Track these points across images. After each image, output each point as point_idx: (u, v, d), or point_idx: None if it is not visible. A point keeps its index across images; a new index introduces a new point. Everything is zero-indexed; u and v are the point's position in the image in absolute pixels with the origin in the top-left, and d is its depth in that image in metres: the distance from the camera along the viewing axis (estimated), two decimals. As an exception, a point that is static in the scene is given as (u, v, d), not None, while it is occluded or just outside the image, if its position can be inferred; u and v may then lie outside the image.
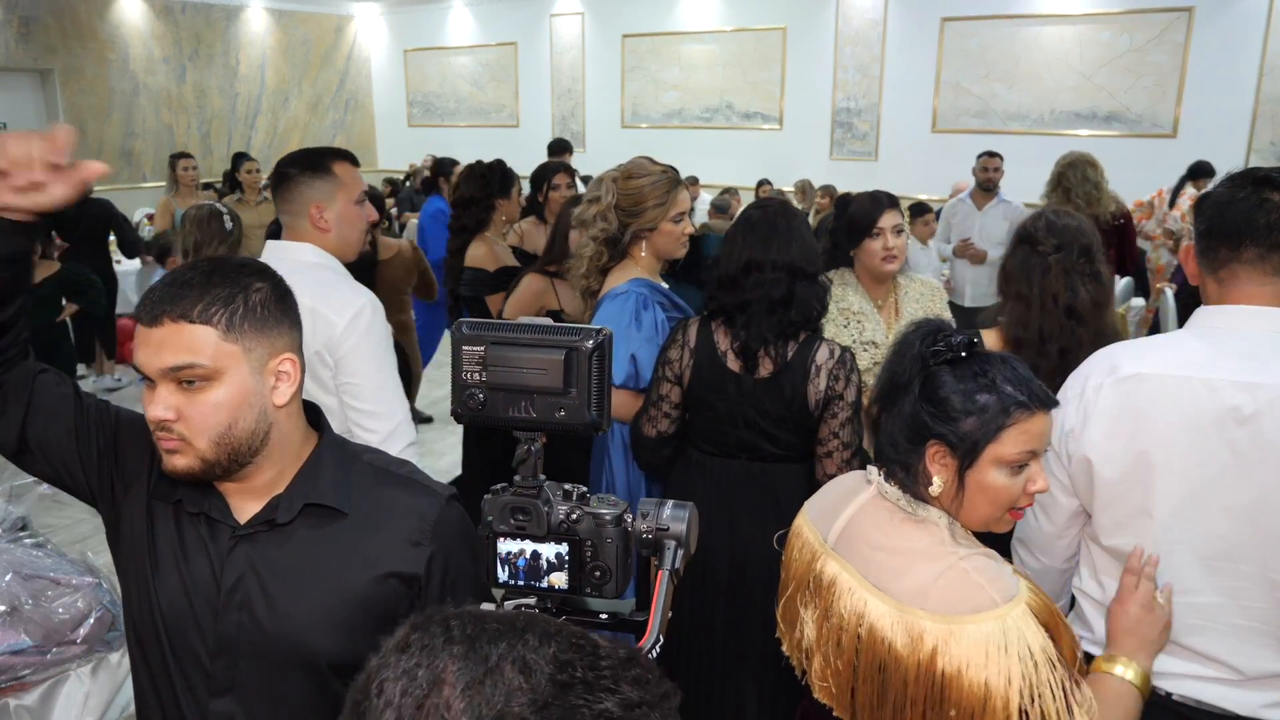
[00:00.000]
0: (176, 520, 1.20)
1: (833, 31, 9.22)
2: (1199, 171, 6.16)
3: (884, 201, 2.59)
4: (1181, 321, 5.09)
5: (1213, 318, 1.49)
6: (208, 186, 7.77)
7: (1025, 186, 6.13)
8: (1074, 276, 2.03)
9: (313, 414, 1.26)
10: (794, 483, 2.13)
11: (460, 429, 3.98)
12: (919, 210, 5.80)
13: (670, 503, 0.94)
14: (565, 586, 0.94)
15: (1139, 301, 6.70)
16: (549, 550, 0.94)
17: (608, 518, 0.92)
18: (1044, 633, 1.15)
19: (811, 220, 8.23)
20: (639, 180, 2.47)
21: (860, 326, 2.53)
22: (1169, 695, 1.49)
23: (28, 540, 2.24)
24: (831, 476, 2.08)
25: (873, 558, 1.26)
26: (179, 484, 1.18)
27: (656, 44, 10.46)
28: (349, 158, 2.10)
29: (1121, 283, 6.79)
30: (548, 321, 0.94)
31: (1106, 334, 2.04)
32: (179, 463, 1.11)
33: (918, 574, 1.20)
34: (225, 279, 1.12)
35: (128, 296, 7.13)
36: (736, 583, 2.15)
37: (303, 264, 1.92)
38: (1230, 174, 1.51)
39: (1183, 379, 1.43)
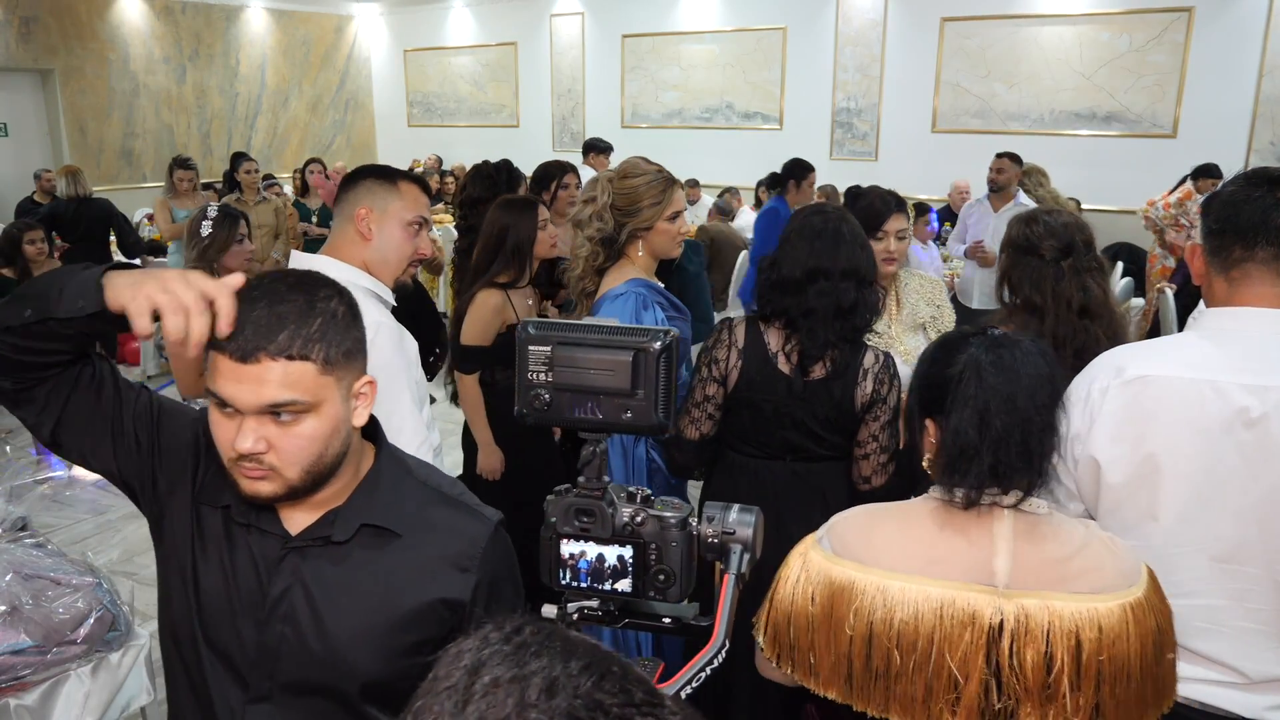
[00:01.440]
0: (225, 525, 1.18)
1: (833, 31, 9.22)
2: (1204, 173, 6.15)
3: (892, 204, 2.60)
4: (1181, 322, 5.09)
5: (1220, 319, 1.48)
6: (207, 187, 7.76)
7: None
8: (1084, 276, 2.03)
9: (369, 424, 1.24)
10: (839, 482, 2.15)
11: (459, 430, 3.97)
12: (919, 210, 5.80)
13: (736, 506, 0.93)
14: (629, 590, 0.93)
15: (1139, 301, 6.70)
16: (613, 553, 0.92)
17: (672, 521, 0.91)
18: None
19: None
20: (634, 180, 2.46)
21: None
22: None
23: (28, 540, 2.23)
24: (866, 478, 2.12)
25: (1058, 568, 1.23)
26: (227, 489, 1.14)
27: (656, 44, 10.46)
28: (421, 183, 2.03)
29: (1121, 283, 6.80)
30: (615, 321, 0.93)
31: (1118, 324, 2.03)
32: (264, 489, 1.09)
33: (1112, 560, 1.26)
34: (312, 307, 1.07)
35: (128, 296, 7.13)
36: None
37: None
38: (1243, 173, 1.49)
39: (1190, 381, 1.42)
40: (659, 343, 0.90)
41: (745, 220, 8.09)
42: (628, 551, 0.93)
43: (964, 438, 1.25)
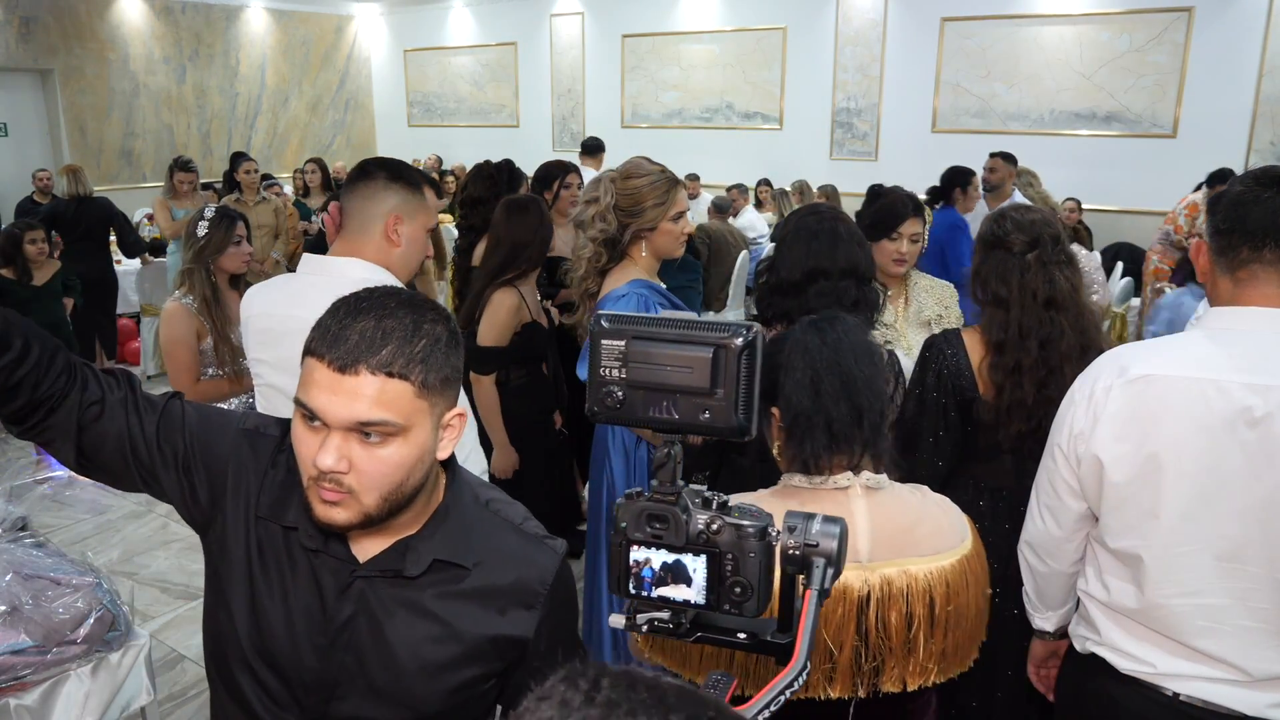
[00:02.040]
0: (287, 543, 1.13)
1: (833, 31, 9.22)
2: (1219, 179, 6.13)
3: (910, 208, 2.62)
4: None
5: (1223, 318, 1.47)
6: (207, 187, 7.76)
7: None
8: (1051, 269, 2.05)
9: None
10: None
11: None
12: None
13: (820, 516, 0.88)
14: (702, 601, 0.87)
15: (1139, 301, 6.70)
16: (686, 562, 0.87)
17: (751, 530, 0.85)
18: None
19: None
20: (638, 180, 2.46)
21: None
22: (1176, 696, 1.48)
23: (28, 540, 2.23)
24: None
25: (911, 534, 1.38)
26: (293, 507, 1.10)
27: (656, 44, 10.46)
28: (436, 186, 2.03)
29: (1121, 283, 6.80)
30: (692, 315, 0.88)
31: (1085, 316, 2.05)
32: (339, 517, 1.03)
33: (945, 520, 1.43)
34: (419, 328, 1.03)
35: (128, 296, 7.13)
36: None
37: (350, 280, 1.52)
38: (1251, 172, 1.48)
39: (1193, 380, 1.41)
40: (741, 338, 0.84)
41: (746, 220, 8.08)
42: (702, 561, 0.87)
43: (799, 405, 1.39)
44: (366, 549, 1.13)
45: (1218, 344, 1.44)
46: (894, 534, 1.37)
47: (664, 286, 2.54)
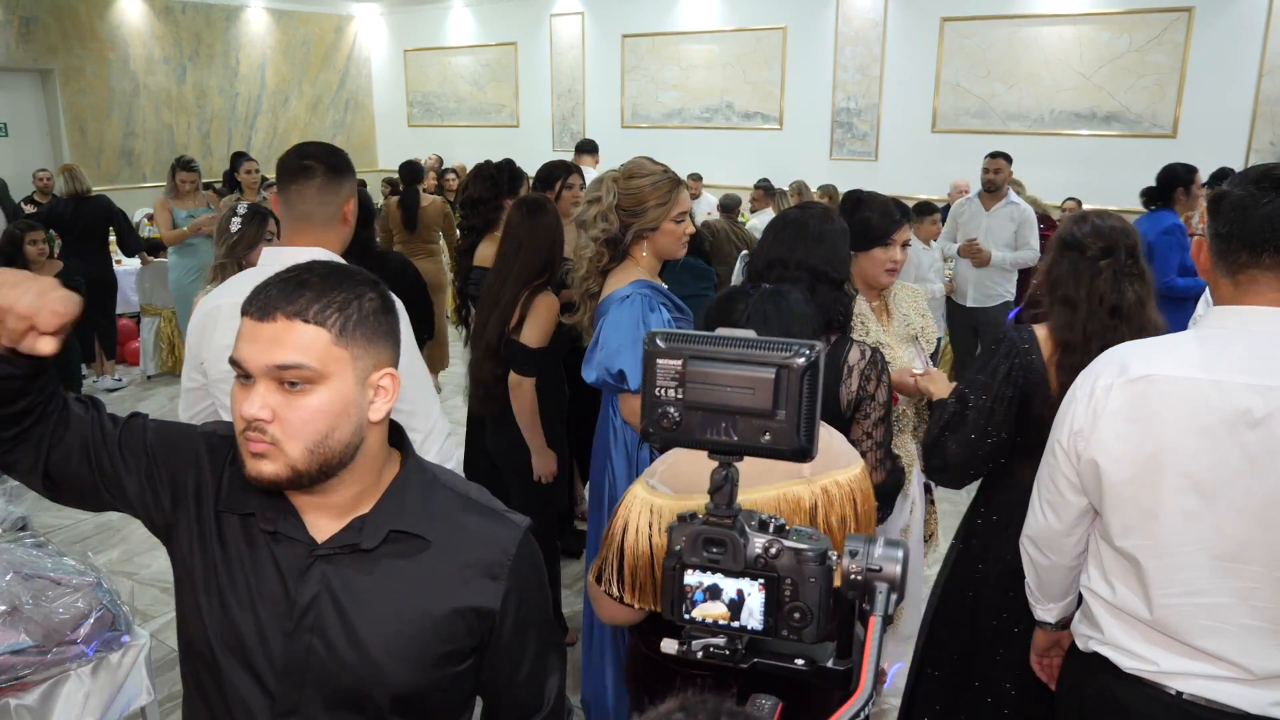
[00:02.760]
0: (246, 534, 1.15)
1: (833, 31, 9.22)
2: (1220, 179, 6.14)
3: (902, 214, 2.61)
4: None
5: (1224, 318, 1.47)
6: (207, 187, 7.76)
7: (1029, 186, 6.14)
8: (1121, 278, 2.03)
9: (394, 433, 1.23)
10: None
11: (464, 419, 3.96)
12: (924, 209, 5.78)
13: (881, 540, 0.85)
14: (760, 627, 0.85)
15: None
16: (744, 587, 0.85)
17: (810, 554, 0.84)
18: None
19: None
20: (640, 180, 2.46)
21: (865, 328, 2.54)
22: (1180, 694, 1.48)
23: (28, 540, 2.23)
24: None
25: (831, 453, 1.64)
26: (252, 496, 1.13)
27: (656, 44, 10.46)
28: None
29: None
30: (750, 333, 0.87)
31: (1148, 329, 2.04)
32: (266, 469, 1.06)
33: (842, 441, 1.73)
34: (342, 283, 1.09)
35: (127, 296, 7.12)
36: None
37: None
38: (1253, 174, 1.46)
39: (1194, 381, 1.41)
40: (803, 359, 0.82)
41: (762, 221, 8.07)
42: (759, 586, 0.85)
43: None
44: (325, 531, 1.14)
45: (1219, 344, 1.44)
46: (822, 455, 1.49)
47: (665, 287, 2.54)
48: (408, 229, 6.19)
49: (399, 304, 1.24)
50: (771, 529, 0.86)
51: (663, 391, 0.85)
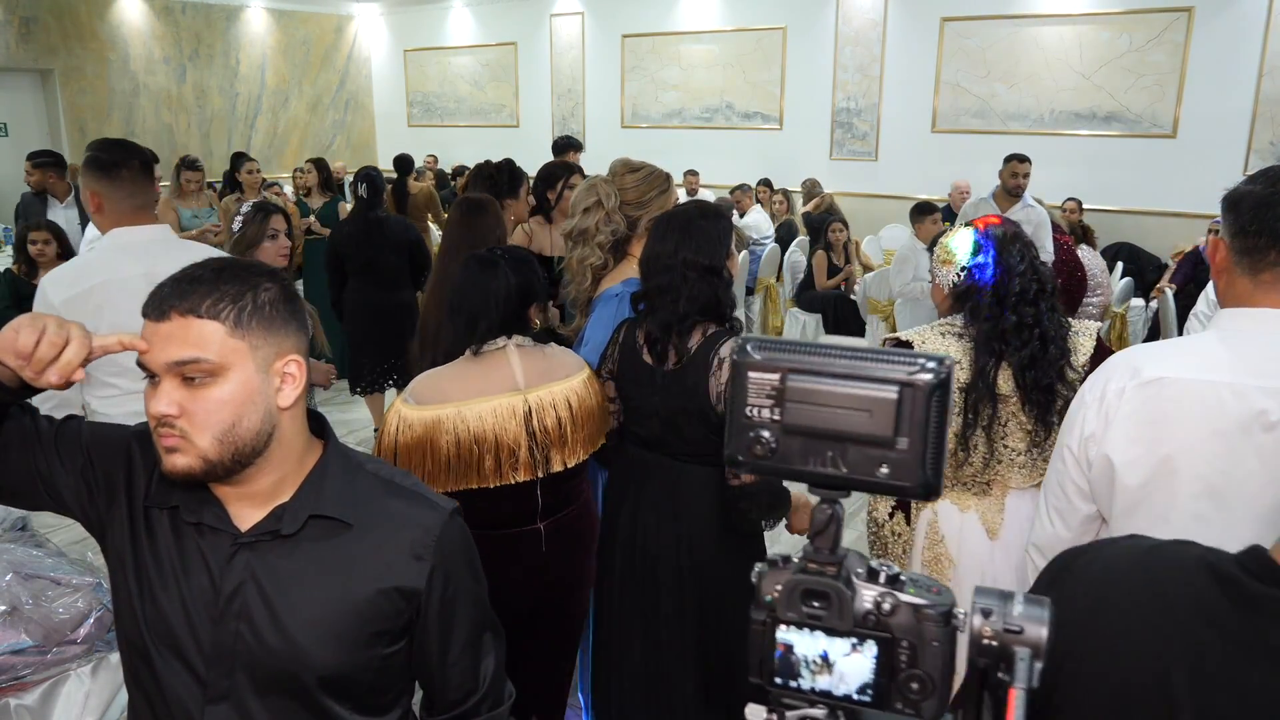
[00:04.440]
0: (174, 527, 1.19)
1: (833, 31, 9.23)
2: None
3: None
4: (1181, 321, 5.07)
5: (1238, 320, 1.43)
6: (208, 186, 7.77)
7: (1034, 188, 6.11)
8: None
9: (316, 422, 1.26)
10: (697, 484, 2.13)
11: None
12: (925, 209, 5.76)
13: (1021, 596, 0.70)
14: (869, 699, 0.71)
15: (1138, 302, 6.70)
16: (850, 649, 0.71)
17: (933, 612, 0.69)
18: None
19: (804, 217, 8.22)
20: (637, 173, 2.47)
21: None
22: None
23: (28, 540, 2.24)
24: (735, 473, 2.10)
25: (550, 369, 2.09)
26: (175, 489, 1.16)
27: (656, 44, 10.46)
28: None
29: (1122, 283, 6.80)
30: (863, 342, 0.72)
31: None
32: (179, 462, 1.10)
33: (569, 359, 2.17)
34: (235, 277, 1.11)
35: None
36: (633, 572, 2.21)
37: (168, 241, 2.62)
38: (1267, 173, 1.43)
39: (1207, 383, 1.39)
40: (932, 374, 0.67)
41: (752, 220, 8.07)
42: (870, 648, 0.70)
43: (471, 315, 2.06)
44: (248, 520, 1.17)
45: (1233, 346, 1.41)
46: (539, 371, 2.07)
47: None
48: (399, 212, 6.97)
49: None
50: (883, 579, 0.71)
51: (755, 411, 0.71)
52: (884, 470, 0.69)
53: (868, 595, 0.71)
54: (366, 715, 1.23)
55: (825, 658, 0.71)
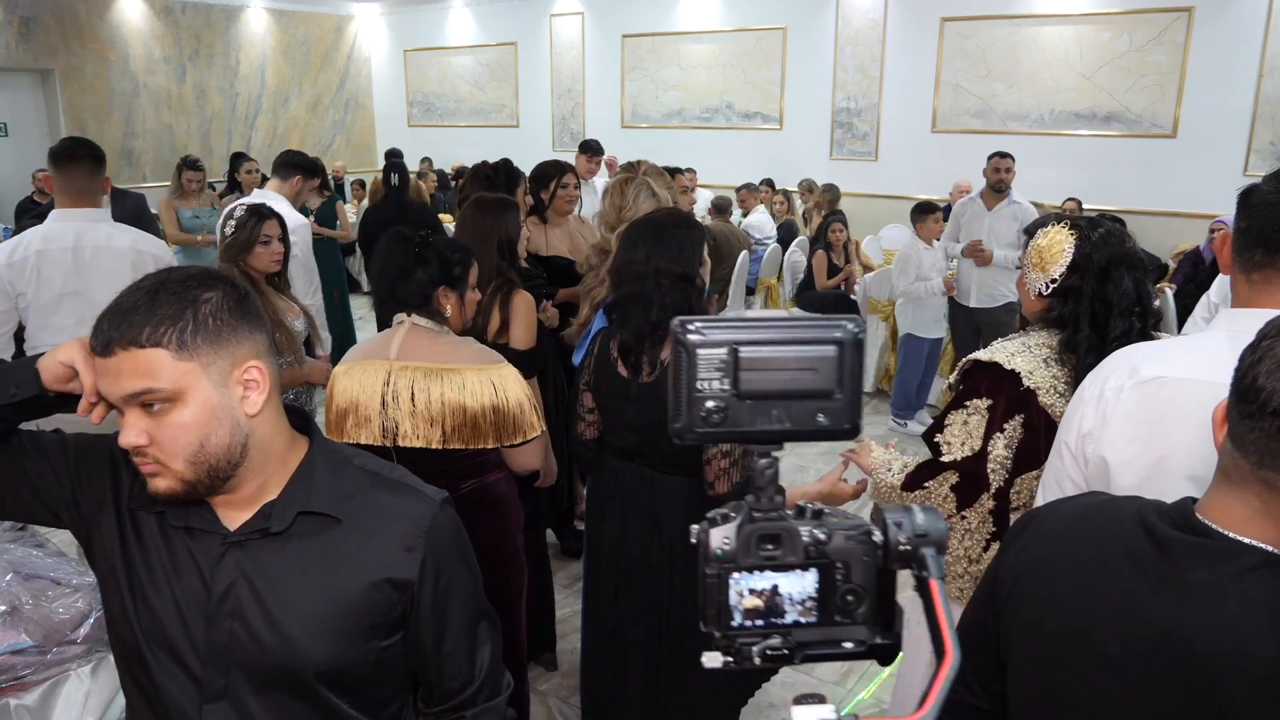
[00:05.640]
0: (162, 530, 1.18)
1: (833, 31, 9.23)
2: None
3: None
4: (1181, 321, 5.06)
5: (1239, 320, 1.41)
6: (209, 187, 7.76)
7: (1026, 187, 6.13)
8: None
9: (300, 419, 1.25)
10: (676, 494, 2.14)
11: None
12: (926, 209, 5.76)
13: (916, 509, 0.83)
14: (815, 619, 0.82)
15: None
16: (798, 579, 0.81)
17: (859, 533, 0.81)
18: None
19: (813, 218, 8.22)
20: (656, 172, 2.52)
21: None
22: None
23: (28, 540, 2.23)
24: (711, 484, 2.07)
25: (432, 352, 2.15)
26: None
27: (656, 44, 10.46)
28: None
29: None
30: (784, 312, 0.84)
31: None
32: (160, 485, 1.10)
33: (465, 352, 2.18)
34: (170, 296, 1.08)
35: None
36: (623, 584, 2.23)
37: (98, 220, 3.12)
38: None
39: (1205, 383, 1.38)
40: (856, 330, 0.78)
41: (755, 220, 8.06)
42: (813, 575, 0.80)
43: (379, 284, 2.24)
44: (236, 519, 1.17)
45: (1232, 346, 1.39)
46: (418, 349, 2.15)
47: None
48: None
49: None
50: (809, 515, 0.82)
51: (707, 384, 0.78)
52: (821, 419, 0.80)
53: (804, 531, 0.81)
54: (367, 709, 1.23)
55: (775, 590, 0.81)
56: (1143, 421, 1.44)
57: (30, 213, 7.02)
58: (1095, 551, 1.05)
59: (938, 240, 5.80)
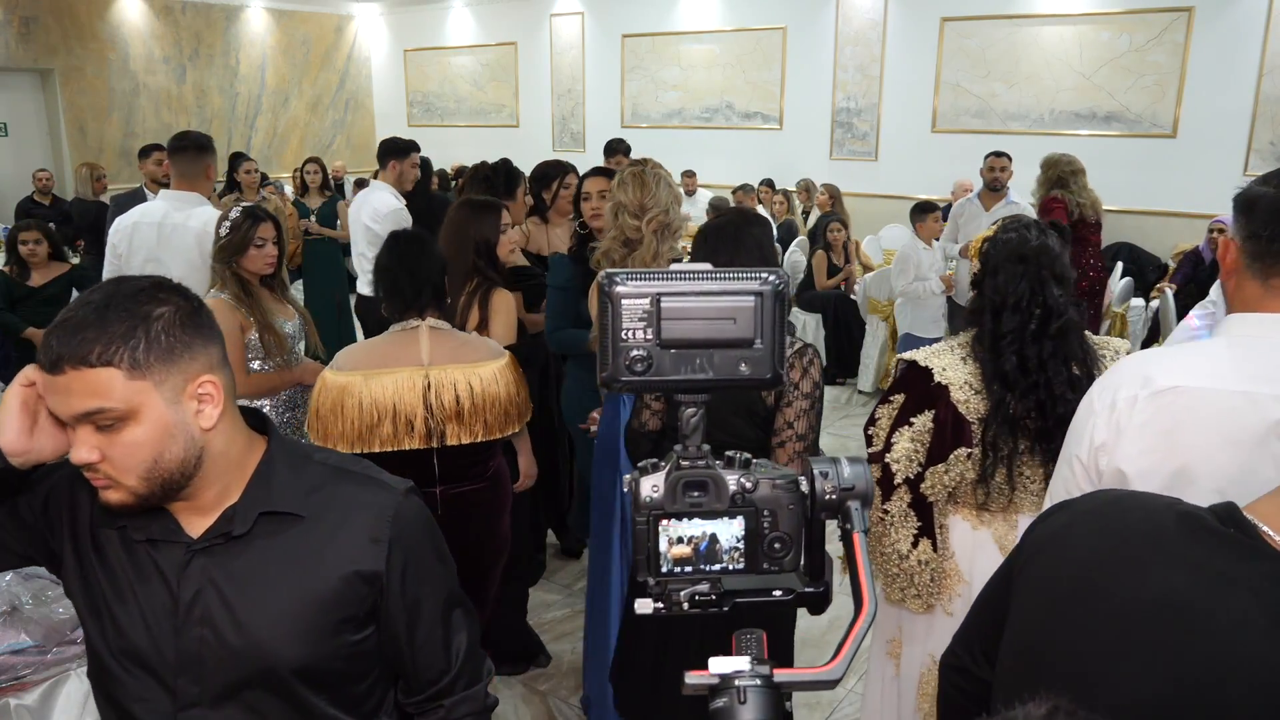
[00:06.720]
0: (124, 543, 1.17)
1: (833, 31, 9.22)
2: None
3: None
4: (1180, 321, 5.04)
5: (1249, 326, 1.40)
6: (208, 186, 7.77)
7: (1026, 186, 6.13)
8: None
9: (256, 420, 1.23)
10: None
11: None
12: (925, 208, 5.77)
13: (845, 459, 0.84)
14: (742, 565, 0.83)
15: (1138, 301, 6.70)
16: (724, 526, 0.82)
17: (786, 482, 0.83)
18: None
19: (811, 218, 8.23)
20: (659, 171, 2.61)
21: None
22: None
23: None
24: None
25: (461, 352, 2.33)
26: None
27: (656, 44, 10.46)
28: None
29: (1122, 283, 6.80)
30: (706, 265, 0.85)
31: None
32: (113, 497, 1.09)
33: (484, 348, 2.41)
34: (121, 312, 1.05)
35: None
36: None
37: (186, 200, 3.69)
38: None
39: (1222, 392, 1.35)
40: (776, 281, 0.80)
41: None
42: (739, 522, 0.82)
43: (394, 286, 2.36)
44: (199, 526, 1.16)
45: (1246, 354, 1.38)
46: (447, 351, 2.31)
47: None
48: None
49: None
50: (738, 464, 0.84)
51: (631, 334, 0.80)
52: (744, 368, 0.81)
53: (731, 479, 0.83)
54: (344, 706, 1.22)
55: (703, 537, 0.83)
56: (1160, 432, 1.40)
57: (30, 213, 7.03)
58: (1119, 524, 1.04)
59: (937, 240, 5.80)
